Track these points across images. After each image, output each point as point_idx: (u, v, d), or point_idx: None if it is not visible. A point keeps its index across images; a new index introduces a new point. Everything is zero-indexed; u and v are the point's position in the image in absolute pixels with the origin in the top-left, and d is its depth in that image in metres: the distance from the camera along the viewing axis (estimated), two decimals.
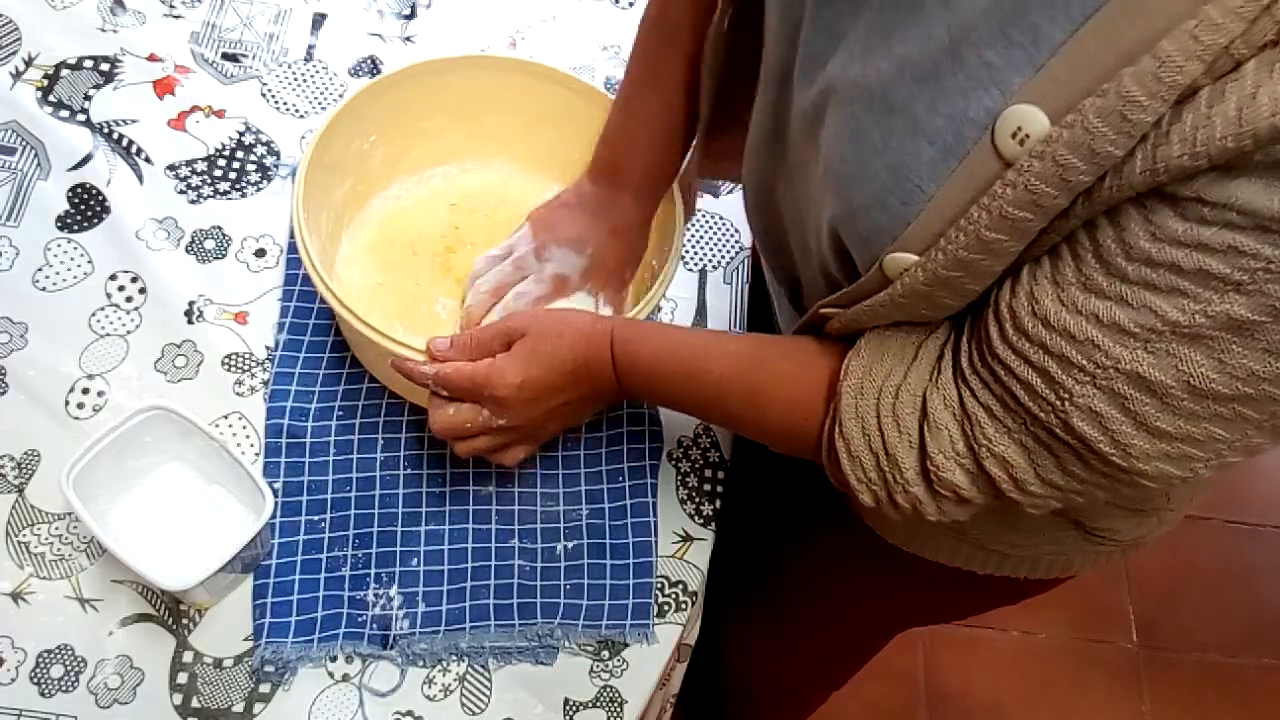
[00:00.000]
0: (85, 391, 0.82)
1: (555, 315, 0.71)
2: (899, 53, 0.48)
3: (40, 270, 0.87)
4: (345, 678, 0.75)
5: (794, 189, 0.63)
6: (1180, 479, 0.47)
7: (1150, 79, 0.38)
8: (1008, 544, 0.71)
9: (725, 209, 0.99)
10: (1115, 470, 0.47)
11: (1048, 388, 0.47)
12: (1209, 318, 0.41)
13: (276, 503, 0.77)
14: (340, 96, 1.00)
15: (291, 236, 0.90)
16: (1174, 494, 0.67)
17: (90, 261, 0.88)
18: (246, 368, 0.85)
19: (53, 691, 0.72)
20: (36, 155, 0.92)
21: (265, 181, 0.94)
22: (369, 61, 1.03)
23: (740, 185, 0.99)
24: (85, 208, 0.90)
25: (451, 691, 0.75)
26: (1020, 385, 0.48)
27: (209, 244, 0.90)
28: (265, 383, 0.84)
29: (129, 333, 0.85)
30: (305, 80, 1.01)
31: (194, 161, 0.94)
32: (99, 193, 0.91)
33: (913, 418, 0.53)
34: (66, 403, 0.81)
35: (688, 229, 0.98)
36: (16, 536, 0.76)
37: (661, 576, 0.81)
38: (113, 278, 0.87)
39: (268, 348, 0.86)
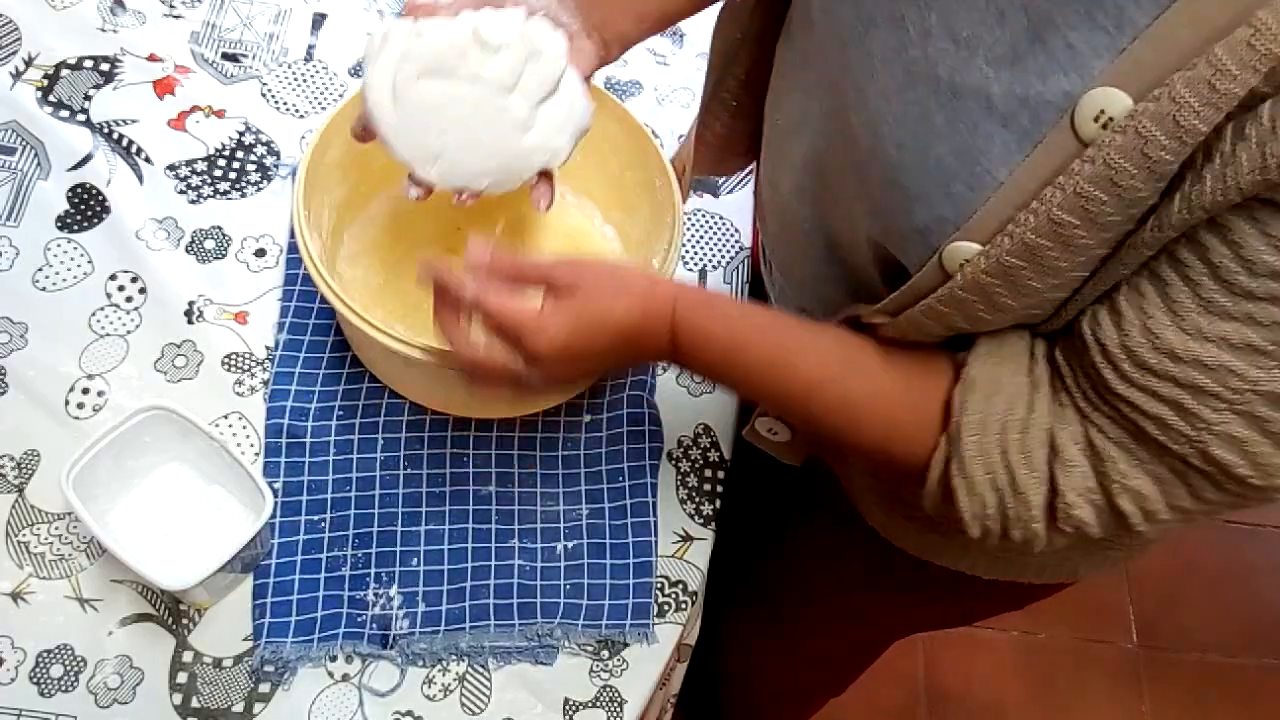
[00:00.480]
0: (85, 391, 0.82)
1: (608, 272, 0.63)
2: (966, 34, 0.46)
3: (40, 270, 0.87)
4: (345, 677, 0.75)
5: (830, 188, 0.61)
6: None
7: (1243, 48, 0.38)
8: (1018, 550, 0.71)
9: (725, 209, 0.99)
10: (1250, 490, 0.46)
11: (1181, 420, 0.45)
12: None
13: (276, 503, 0.77)
14: (340, 96, 1.00)
15: (292, 236, 0.90)
16: None
17: (90, 261, 0.88)
18: (246, 368, 0.85)
19: (52, 691, 0.72)
20: (36, 155, 0.92)
21: (265, 181, 0.94)
22: None
23: (737, 181, 1.00)
24: (85, 208, 0.90)
25: (451, 691, 0.75)
26: (1150, 421, 0.46)
27: (209, 244, 0.90)
28: (265, 383, 0.84)
29: (129, 333, 0.85)
30: (305, 80, 1.01)
31: (194, 161, 0.94)
32: (99, 193, 0.91)
33: (1042, 453, 0.51)
34: (66, 403, 0.81)
35: (687, 229, 0.98)
36: (16, 536, 0.76)
37: (661, 576, 0.81)
38: (113, 278, 0.87)
39: (268, 348, 0.86)
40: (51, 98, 0.95)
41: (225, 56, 1.01)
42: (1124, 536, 0.51)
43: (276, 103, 0.99)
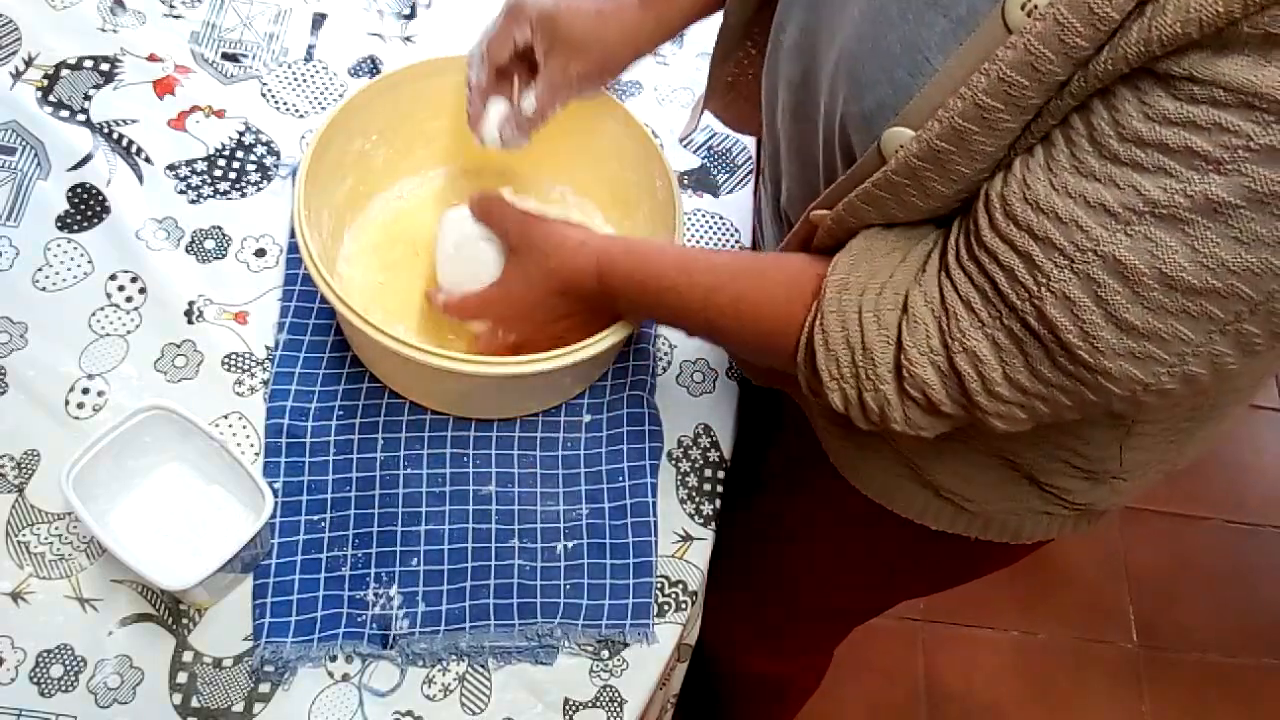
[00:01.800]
0: (85, 391, 0.82)
1: (544, 232, 0.74)
2: None
3: (40, 270, 0.87)
4: (345, 677, 0.75)
5: (810, 95, 0.64)
6: (1144, 385, 0.47)
7: None
8: (963, 495, 0.72)
9: (725, 209, 0.99)
10: (1081, 368, 0.48)
11: (1027, 272, 0.47)
12: (1188, 198, 0.43)
13: (276, 503, 0.77)
14: (340, 96, 1.00)
15: (292, 236, 0.90)
16: (1126, 460, 0.66)
17: (90, 261, 0.88)
18: (246, 368, 0.85)
19: (52, 691, 0.72)
20: (36, 155, 0.92)
21: (265, 181, 0.94)
22: (369, 61, 1.03)
23: (738, 181, 1.00)
24: (85, 208, 0.90)
25: (451, 691, 0.75)
26: (1002, 272, 0.49)
27: (209, 244, 0.90)
28: (265, 383, 0.84)
29: (129, 333, 0.85)
30: (305, 80, 1.01)
31: (194, 161, 0.94)
32: (99, 193, 0.91)
33: (893, 314, 0.54)
34: (66, 403, 0.81)
35: (687, 229, 0.98)
36: (16, 536, 0.76)
37: (661, 576, 0.81)
38: (113, 278, 0.87)
39: (268, 348, 0.86)
40: (51, 98, 0.95)
41: (225, 56, 1.01)
42: (974, 415, 0.53)
43: (276, 103, 0.99)
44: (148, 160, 0.93)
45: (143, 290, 0.87)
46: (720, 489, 0.86)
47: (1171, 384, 0.47)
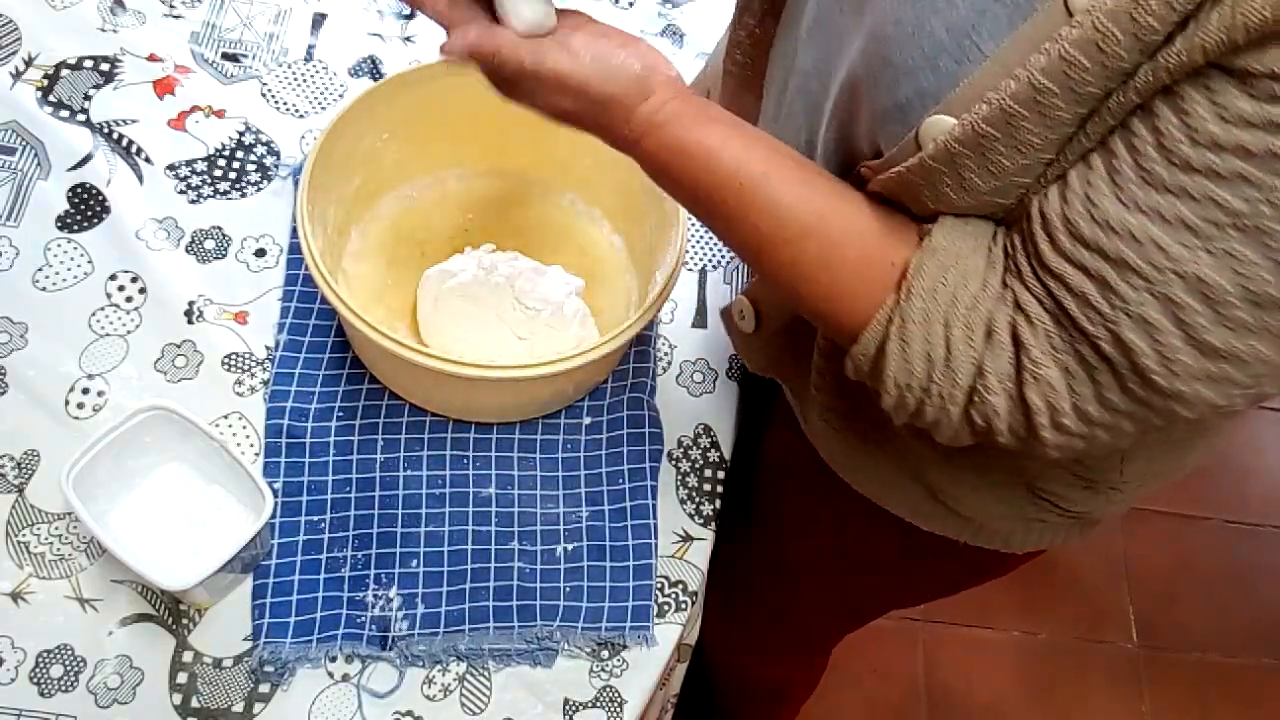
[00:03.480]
0: (85, 391, 0.82)
1: (609, 48, 0.58)
2: None
3: (40, 270, 0.87)
4: (345, 678, 0.75)
5: (827, 86, 0.59)
6: (1216, 408, 0.45)
7: None
8: (954, 496, 0.70)
9: None
10: (1154, 393, 0.45)
11: (1101, 297, 0.45)
12: (1273, 206, 0.40)
13: (276, 503, 0.77)
14: (340, 97, 1.00)
15: (294, 235, 0.90)
16: (1127, 470, 0.66)
17: (90, 261, 0.88)
18: (246, 368, 0.85)
19: (52, 691, 0.72)
20: (36, 155, 0.92)
21: (265, 181, 0.94)
22: (369, 61, 1.03)
23: None
24: (85, 208, 0.90)
25: (451, 691, 0.75)
26: (1074, 297, 0.46)
27: (209, 244, 0.90)
28: (265, 383, 0.84)
29: (129, 333, 0.85)
30: (305, 80, 1.01)
31: (194, 161, 0.94)
32: (99, 193, 0.91)
33: (981, 334, 0.50)
34: (66, 403, 0.81)
35: (691, 231, 0.97)
36: (16, 536, 0.76)
37: (661, 576, 0.81)
38: (113, 278, 0.87)
39: (268, 348, 0.86)
40: (51, 98, 0.95)
41: (225, 56, 1.01)
42: (1031, 445, 0.50)
43: (276, 103, 0.99)
44: (148, 160, 0.93)
45: (143, 290, 0.87)
46: (720, 489, 0.86)
47: (1244, 405, 0.46)
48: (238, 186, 0.94)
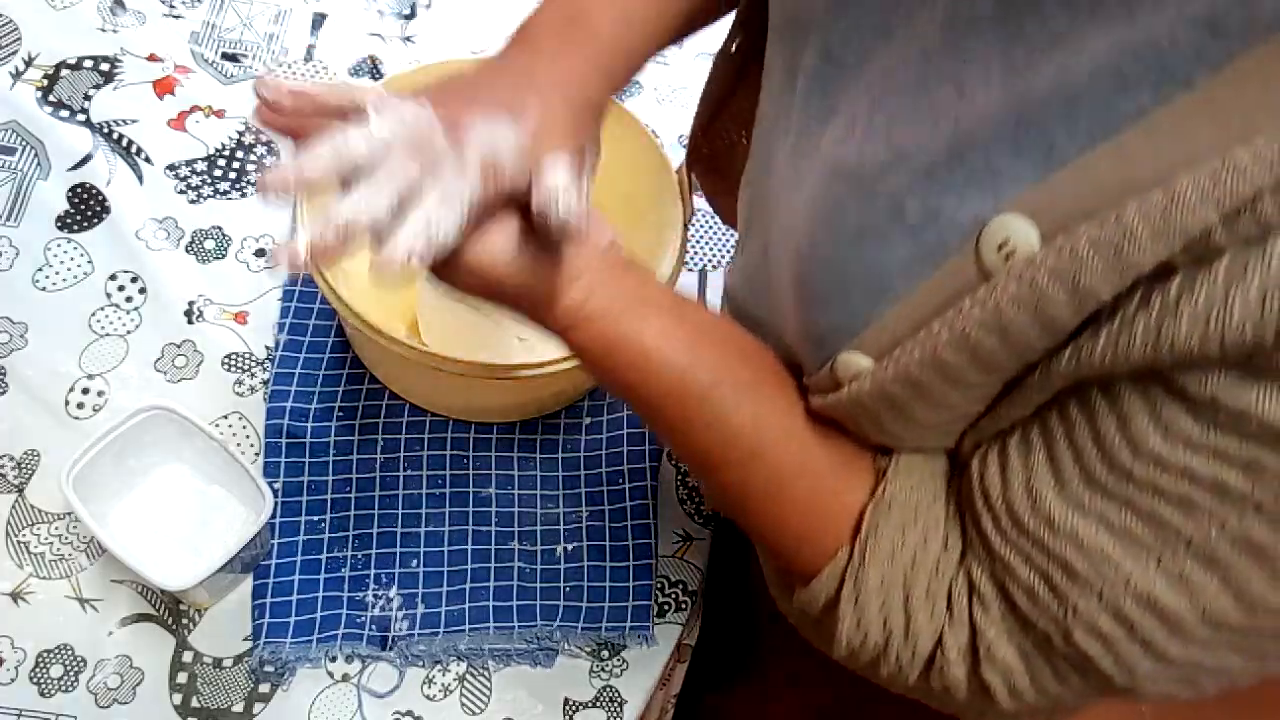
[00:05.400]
0: (85, 391, 0.82)
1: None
2: (898, 141, 0.43)
3: (40, 270, 0.87)
4: (345, 678, 0.75)
5: (768, 286, 0.55)
6: (1187, 698, 0.43)
7: (1157, 217, 0.33)
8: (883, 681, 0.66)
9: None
10: (1113, 689, 0.42)
11: (1051, 597, 0.41)
12: (1228, 540, 0.36)
13: (276, 503, 0.77)
14: None
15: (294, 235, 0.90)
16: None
17: (90, 261, 0.88)
18: (246, 368, 0.85)
19: (52, 691, 0.72)
20: (36, 155, 0.92)
21: None
22: (369, 61, 1.03)
23: None
24: (85, 208, 0.90)
25: (451, 691, 0.75)
26: (1021, 591, 0.42)
27: (209, 244, 0.90)
28: (265, 383, 0.84)
29: (129, 333, 0.85)
30: (305, 80, 1.01)
31: (194, 161, 0.94)
32: (99, 193, 0.91)
33: (943, 603, 0.46)
34: (66, 403, 0.81)
35: (693, 229, 0.97)
36: (16, 536, 0.76)
37: (661, 576, 0.81)
38: (113, 278, 0.87)
39: (268, 348, 0.86)
40: (51, 98, 0.95)
41: (225, 56, 1.01)
42: (990, 711, 0.46)
43: None
44: (148, 160, 0.93)
45: (143, 290, 0.87)
46: None
47: (1215, 692, 0.43)
48: (238, 186, 0.94)
